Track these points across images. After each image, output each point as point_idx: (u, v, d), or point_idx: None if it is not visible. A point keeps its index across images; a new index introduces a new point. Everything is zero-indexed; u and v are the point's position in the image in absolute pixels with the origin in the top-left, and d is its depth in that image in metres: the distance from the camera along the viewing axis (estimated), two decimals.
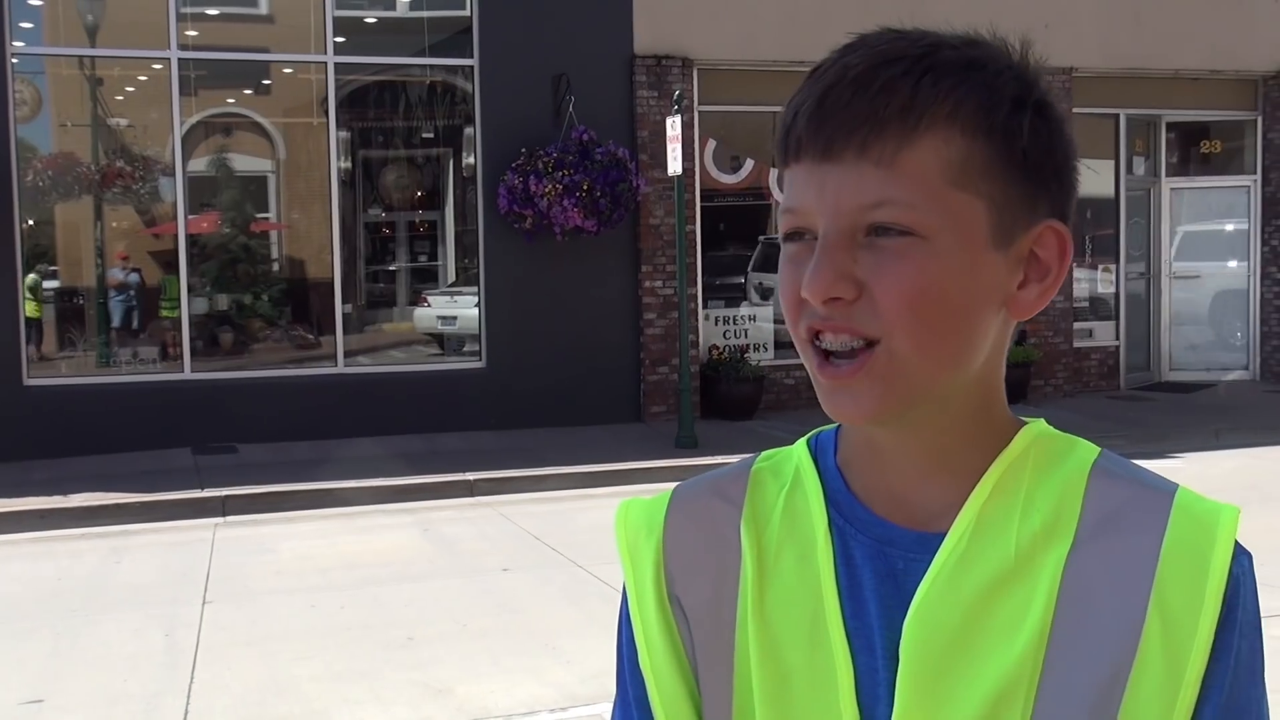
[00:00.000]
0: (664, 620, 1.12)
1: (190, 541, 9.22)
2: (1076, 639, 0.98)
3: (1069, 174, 1.04)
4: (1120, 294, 15.85)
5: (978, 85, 0.99)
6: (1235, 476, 10.91)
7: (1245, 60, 15.68)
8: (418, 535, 9.37)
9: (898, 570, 1.04)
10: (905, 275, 0.97)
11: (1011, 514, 1.02)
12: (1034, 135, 1.00)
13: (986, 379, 1.05)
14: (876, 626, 1.03)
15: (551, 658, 6.36)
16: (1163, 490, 1.03)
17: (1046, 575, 0.99)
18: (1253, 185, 16.16)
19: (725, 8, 13.49)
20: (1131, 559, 0.99)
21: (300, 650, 6.57)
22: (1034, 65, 1.04)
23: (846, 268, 0.98)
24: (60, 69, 13.15)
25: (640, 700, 1.13)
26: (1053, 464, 1.04)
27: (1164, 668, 0.97)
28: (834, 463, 1.11)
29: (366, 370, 13.24)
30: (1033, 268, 1.03)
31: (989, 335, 1.02)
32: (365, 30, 14.02)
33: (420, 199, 15.30)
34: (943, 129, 0.97)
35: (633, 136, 13.21)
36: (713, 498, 1.14)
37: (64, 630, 7.03)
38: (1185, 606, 0.97)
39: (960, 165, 0.98)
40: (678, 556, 1.13)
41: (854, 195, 0.97)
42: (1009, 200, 1.00)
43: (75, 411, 11.87)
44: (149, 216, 13.50)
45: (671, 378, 13.21)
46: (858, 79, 0.98)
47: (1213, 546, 0.98)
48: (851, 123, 0.97)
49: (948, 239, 0.97)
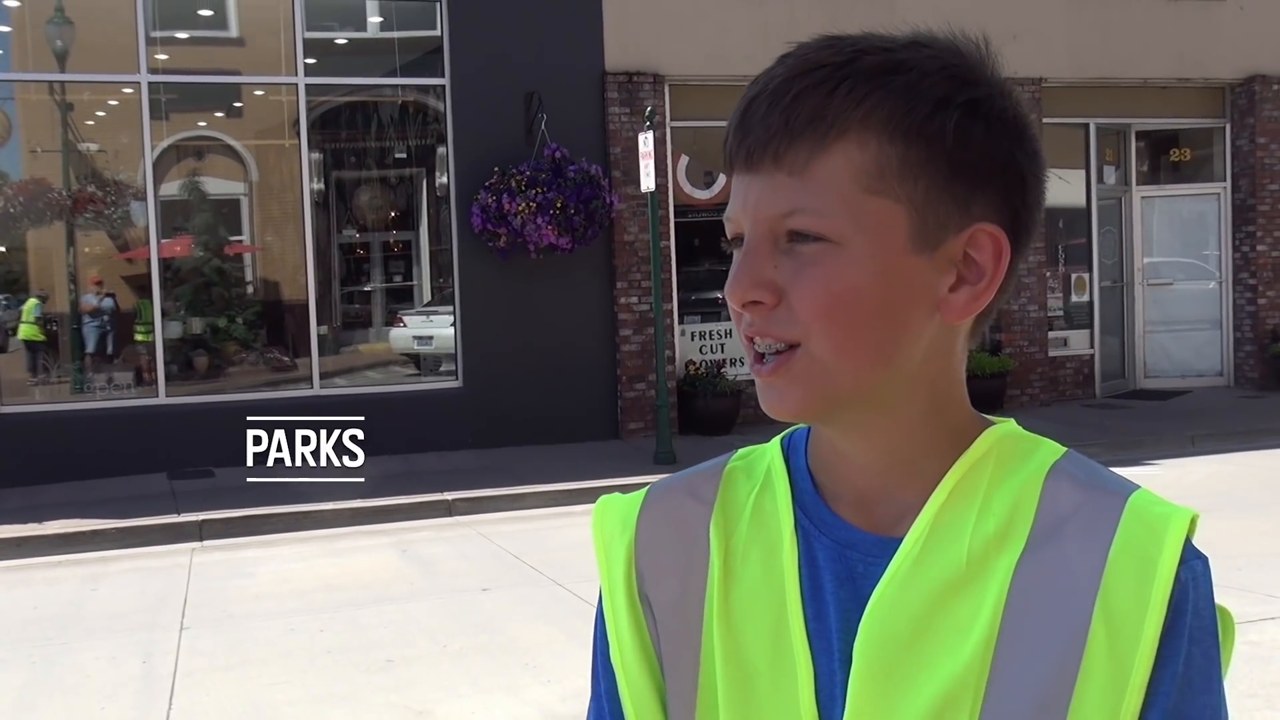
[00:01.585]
0: (634, 617, 1.13)
1: (167, 567, 9.16)
2: (1023, 644, 0.98)
3: (1012, 174, 1.02)
4: (1094, 302, 15.92)
5: (896, 89, 0.98)
6: (1210, 482, 10.96)
7: (1212, 68, 15.79)
8: (396, 556, 9.34)
9: (857, 573, 1.04)
10: (819, 281, 0.98)
11: (967, 518, 1.02)
12: (961, 136, 0.99)
13: (931, 380, 1.04)
14: (835, 629, 1.04)
15: (531, 676, 6.34)
16: (1117, 493, 1.01)
17: (996, 580, 0.99)
18: (1222, 192, 16.26)
19: (696, 24, 13.53)
20: (1080, 564, 0.98)
21: (279, 674, 6.53)
22: (987, 63, 1.03)
23: (765, 274, 1.00)
24: (30, 94, 13.12)
25: (611, 693, 1.15)
26: (1013, 466, 1.04)
27: (1109, 673, 0.96)
28: (804, 463, 1.12)
29: (343, 392, 13.20)
30: (969, 270, 1.01)
31: (919, 337, 1.01)
32: (336, 51, 14.02)
33: (394, 219, 15.30)
34: (855, 135, 0.98)
35: (605, 153, 13.23)
36: (685, 496, 1.16)
37: (40, 658, 6.97)
38: (1130, 611, 0.96)
39: (875, 170, 0.98)
40: (649, 555, 1.14)
41: (769, 205, 1.00)
42: (933, 203, 0.99)
43: (50, 438, 11.79)
44: (121, 241, 13.45)
45: (648, 394, 13.22)
46: (776, 90, 1.00)
47: (1160, 550, 0.97)
48: (767, 134, 0.99)
49: (862, 244, 0.98)
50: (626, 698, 1.13)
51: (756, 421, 13.56)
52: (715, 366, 13.79)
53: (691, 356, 13.94)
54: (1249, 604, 6.81)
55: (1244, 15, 15.77)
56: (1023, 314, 15.00)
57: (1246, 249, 16.07)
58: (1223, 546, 8.40)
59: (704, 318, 14.24)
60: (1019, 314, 14.95)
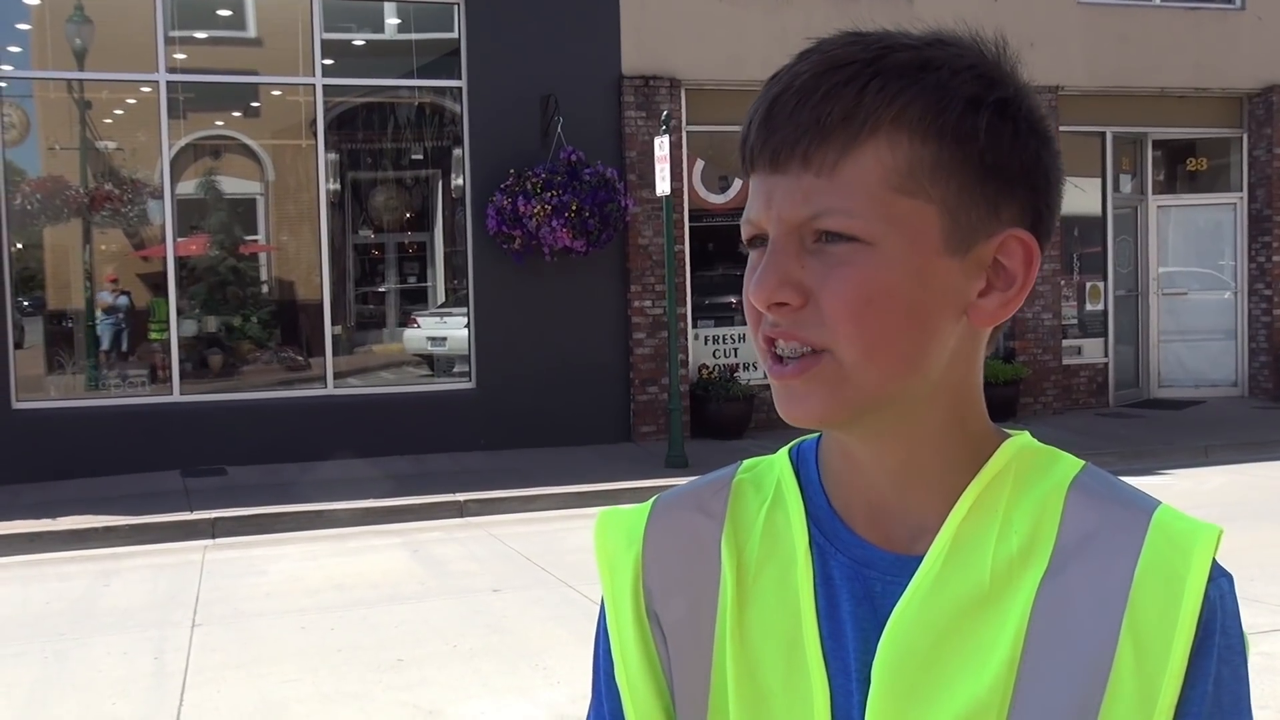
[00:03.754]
0: (641, 635, 1.11)
1: (179, 564, 9.19)
2: (1047, 666, 0.95)
3: (1040, 177, 1.00)
4: (1108, 311, 15.89)
5: (928, 87, 0.96)
6: (1224, 493, 10.93)
7: (1230, 78, 15.76)
8: (407, 556, 9.35)
9: (875, 593, 1.02)
10: (849, 282, 0.95)
11: (988, 535, 1.00)
12: (993, 136, 0.97)
13: (954, 387, 1.02)
14: (852, 649, 1.02)
15: (541, 678, 6.34)
16: (1141, 509, 1.00)
17: (1020, 601, 0.97)
18: (1239, 202, 16.22)
19: (712, 28, 13.54)
20: (1106, 583, 0.96)
21: (290, 672, 6.55)
22: (1007, 64, 1.01)
23: (793, 274, 0.97)
24: (48, 92, 13.16)
25: (615, 714, 1.13)
26: (1032, 481, 1.02)
27: (1137, 695, 0.94)
28: (815, 475, 1.09)
29: (356, 392, 13.22)
30: (998, 276, 0.99)
31: (946, 342, 0.99)
32: (353, 52, 14.05)
33: (409, 220, 15.31)
34: (887, 134, 0.95)
35: (621, 157, 13.24)
36: (694, 512, 1.12)
37: (52, 654, 7.00)
38: (1158, 631, 0.94)
39: (907, 170, 0.95)
40: (657, 571, 1.11)
41: (797, 206, 0.96)
42: (965, 204, 0.97)
43: (64, 434, 11.84)
44: (138, 239, 13.49)
45: (661, 397, 13.22)
46: (803, 87, 0.96)
47: (1188, 569, 0.95)
48: (795, 133, 0.96)
49: (894, 245, 0.95)
50: (632, 717, 1.11)
51: (769, 426, 13.56)
52: (728, 371, 13.79)
53: (705, 361, 13.94)
54: (1261, 615, 6.80)
55: (1262, 26, 15.74)
56: (1037, 322, 14.97)
57: (1262, 259, 16.03)
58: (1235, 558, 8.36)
59: (718, 322, 14.24)
60: (1033, 322, 14.93)
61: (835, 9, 13.26)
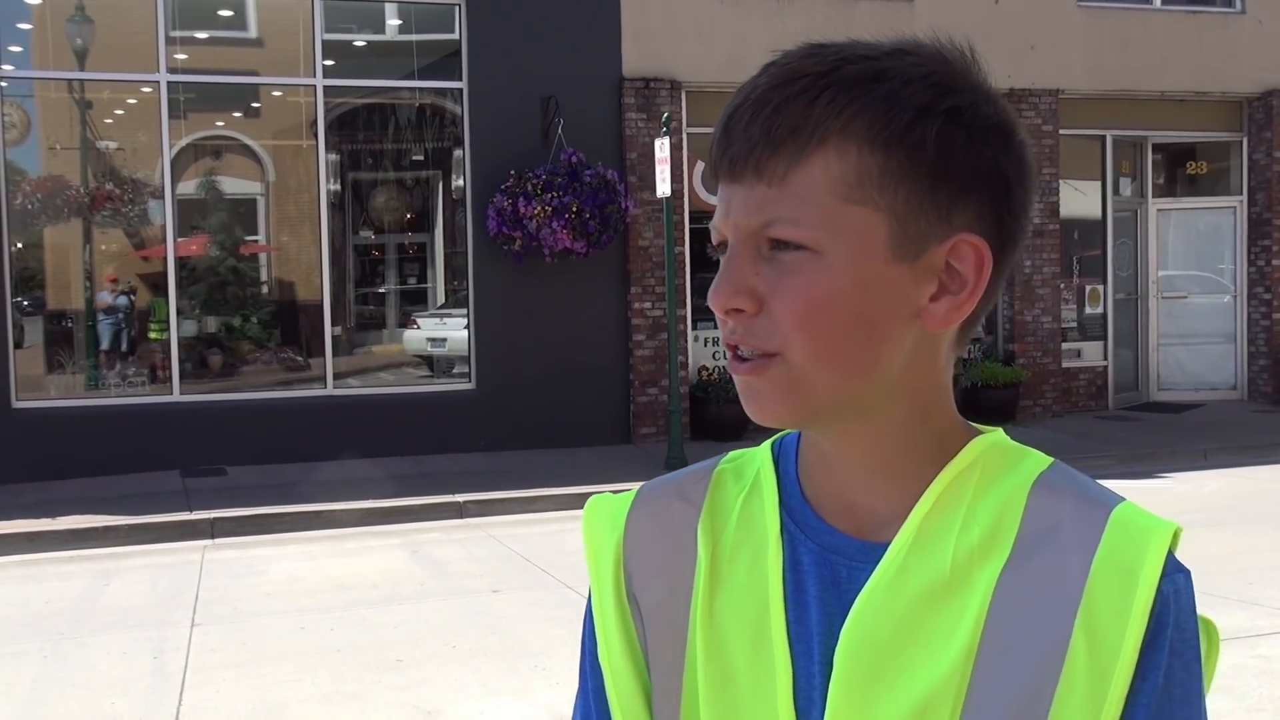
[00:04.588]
0: (621, 617, 1.14)
1: (179, 564, 9.19)
2: (1004, 654, 0.98)
3: (997, 182, 1.01)
4: (1108, 314, 15.90)
5: (877, 98, 0.98)
6: (1222, 496, 10.94)
7: (1230, 82, 15.77)
8: (407, 557, 9.36)
9: (841, 579, 1.05)
10: (797, 289, 0.99)
11: (951, 527, 1.02)
12: (943, 144, 0.98)
13: (913, 387, 1.04)
14: (816, 633, 1.04)
15: (540, 678, 6.35)
16: (1102, 505, 1.02)
17: (979, 590, 0.99)
18: (1239, 206, 16.23)
19: (713, 30, 13.55)
20: (1063, 575, 0.98)
21: (289, 672, 6.55)
22: (974, 71, 1.02)
23: (747, 281, 1.01)
24: (49, 92, 13.17)
25: (598, 692, 1.16)
26: (999, 476, 1.04)
27: (1088, 686, 0.96)
28: (794, 467, 1.13)
29: (356, 392, 13.23)
30: (951, 279, 1.01)
31: (900, 345, 1.01)
32: (354, 53, 14.06)
33: (409, 221, 15.32)
34: (835, 144, 0.97)
35: (621, 158, 13.25)
36: (674, 498, 1.16)
37: (52, 653, 7.00)
38: (1111, 623, 0.96)
39: (855, 179, 0.98)
40: (637, 555, 1.15)
41: (750, 215, 1.00)
42: (914, 211, 0.99)
43: (64, 434, 11.85)
44: (138, 239, 13.50)
45: (661, 399, 13.23)
46: (759, 100, 1.00)
47: (1142, 563, 0.97)
48: (748, 145, 0.99)
49: (841, 253, 0.98)
50: (613, 697, 1.14)
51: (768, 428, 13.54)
52: (728, 372, 13.75)
53: (704, 362, 13.95)
54: (1259, 618, 6.79)
55: (1262, 30, 15.75)
56: (1036, 325, 14.98)
57: (1262, 263, 16.04)
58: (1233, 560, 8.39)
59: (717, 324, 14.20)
60: (1032, 325, 14.94)
61: (836, 11, 13.28)
